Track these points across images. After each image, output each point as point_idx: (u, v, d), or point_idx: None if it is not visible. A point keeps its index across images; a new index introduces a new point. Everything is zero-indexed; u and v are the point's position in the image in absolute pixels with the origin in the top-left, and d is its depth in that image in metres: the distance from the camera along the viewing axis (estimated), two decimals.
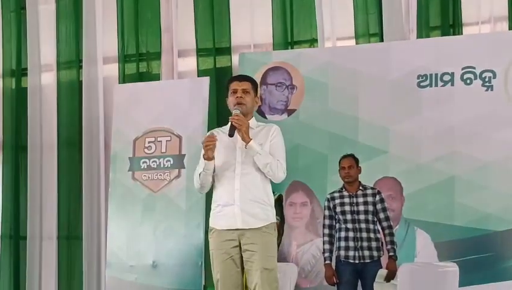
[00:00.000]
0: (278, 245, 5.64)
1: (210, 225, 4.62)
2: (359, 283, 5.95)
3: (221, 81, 8.00)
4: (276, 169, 4.48)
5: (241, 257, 4.48)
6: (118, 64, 8.61)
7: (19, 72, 8.97)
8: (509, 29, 7.48)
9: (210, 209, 6.70)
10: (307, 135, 6.97)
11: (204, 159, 4.49)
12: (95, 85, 8.64)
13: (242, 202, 4.44)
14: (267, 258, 4.45)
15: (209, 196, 6.84)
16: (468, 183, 6.59)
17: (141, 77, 8.49)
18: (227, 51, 8.27)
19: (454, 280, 6.08)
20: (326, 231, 6.06)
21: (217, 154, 4.51)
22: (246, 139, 4.43)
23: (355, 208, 5.96)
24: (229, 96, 4.65)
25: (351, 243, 5.91)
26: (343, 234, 5.97)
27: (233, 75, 7.89)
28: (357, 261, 5.89)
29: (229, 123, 4.56)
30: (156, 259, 7.04)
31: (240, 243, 4.46)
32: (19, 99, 8.90)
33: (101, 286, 8.17)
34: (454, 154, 6.66)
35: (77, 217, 8.56)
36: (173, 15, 8.51)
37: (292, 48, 7.96)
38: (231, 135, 4.43)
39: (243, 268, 4.51)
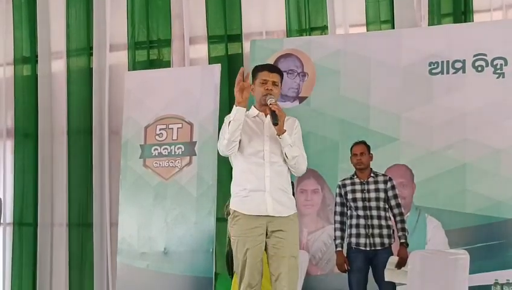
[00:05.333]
0: None
1: (235, 209, 4.57)
2: (370, 270, 5.96)
3: (233, 68, 8.01)
4: (302, 163, 4.54)
5: (265, 244, 4.49)
6: (128, 51, 8.60)
7: (30, 59, 8.98)
8: None
9: (221, 196, 6.81)
10: (318, 122, 6.97)
11: (236, 104, 4.46)
12: (105, 72, 8.63)
13: (272, 190, 4.46)
14: (294, 246, 4.50)
15: (220, 184, 6.96)
16: (479, 171, 6.59)
17: (152, 64, 8.48)
18: (238, 38, 8.26)
19: (465, 267, 6.08)
20: (338, 218, 6.07)
21: (244, 138, 4.51)
22: (282, 130, 4.43)
23: (367, 195, 5.96)
24: (256, 85, 4.63)
25: (362, 230, 5.92)
26: (354, 221, 5.97)
27: (244, 62, 7.93)
28: (368, 249, 5.89)
29: (253, 109, 4.65)
30: (167, 246, 7.07)
31: (266, 230, 4.47)
32: (29, 87, 8.91)
33: (112, 273, 8.19)
34: (465, 142, 6.66)
35: (88, 204, 8.58)
36: (184, 1, 8.49)
37: (304, 35, 7.94)
38: (276, 123, 4.41)
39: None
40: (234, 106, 4.49)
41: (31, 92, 8.90)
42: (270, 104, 4.45)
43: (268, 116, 4.52)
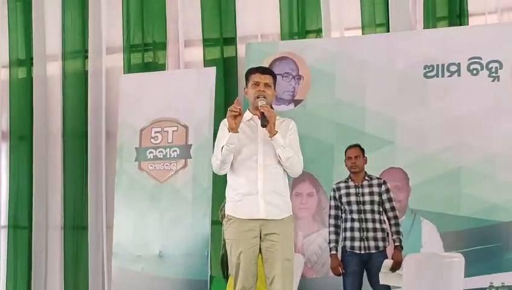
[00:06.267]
0: None
1: (228, 214, 4.60)
2: (365, 274, 5.95)
3: (228, 71, 8.02)
4: (296, 164, 4.53)
5: (259, 247, 4.49)
6: (123, 54, 8.60)
7: (25, 61, 8.97)
8: None
9: (216, 199, 6.81)
10: (313, 125, 6.96)
11: (228, 130, 4.46)
12: (100, 75, 8.63)
13: (265, 193, 4.46)
14: (288, 249, 4.50)
15: (215, 187, 6.96)
16: (475, 174, 6.58)
17: (147, 67, 8.48)
18: (234, 41, 8.26)
19: (460, 270, 6.10)
20: (332, 221, 6.06)
21: (237, 143, 4.50)
22: (273, 131, 4.44)
23: (361, 199, 5.95)
24: (249, 88, 4.64)
25: (357, 234, 5.91)
26: (348, 224, 5.97)
27: (239, 65, 7.94)
28: (362, 252, 5.89)
29: (247, 112, 4.64)
30: (163, 249, 7.05)
31: (260, 233, 4.47)
32: (25, 89, 8.90)
33: (108, 276, 8.18)
34: (460, 145, 6.66)
35: (83, 207, 8.57)
36: (179, 4, 8.50)
37: (299, 38, 7.94)
38: (264, 125, 4.43)
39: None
40: (224, 124, 4.52)
41: (26, 94, 8.90)
42: (260, 106, 4.45)
43: None
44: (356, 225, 5.92)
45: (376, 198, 5.95)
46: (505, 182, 6.51)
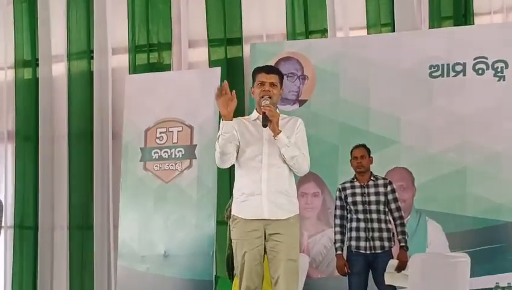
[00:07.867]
0: None
1: (234, 214, 4.60)
2: (370, 274, 5.95)
3: (233, 71, 8.02)
4: (302, 163, 4.50)
5: (264, 247, 4.49)
6: (128, 54, 8.61)
7: (31, 62, 8.98)
8: None
9: (221, 199, 6.82)
10: (318, 125, 6.95)
11: (222, 119, 4.45)
12: (106, 76, 8.65)
13: (269, 193, 4.45)
14: (292, 249, 4.48)
15: (220, 187, 6.96)
16: (480, 174, 6.58)
17: (152, 67, 8.49)
18: (239, 41, 8.27)
19: (465, 270, 6.07)
20: (338, 221, 6.05)
21: (242, 143, 4.52)
22: (276, 130, 4.43)
23: (367, 199, 5.94)
24: (254, 87, 4.63)
25: (362, 234, 5.90)
26: (354, 224, 5.96)
27: (245, 66, 7.94)
28: (368, 252, 5.88)
29: (254, 112, 4.64)
30: (168, 249, 7.06)
31: (264, 233, 4.47)
32: (30, 90, 8.92)
33: (113, 276, 8.19)
34: (465, 145, 6.65)
35: (88, 207, 8.57)
36: (184, 5, 8.51)
37: (304, 38, 7.94)
38: (265, 125, 4.42)
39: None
40: (221, 120, 4.51)
41: (31, 95, 8.91)
42: (263, 105, 4.45)
43: None
44: (362, 225, 5.91)
45: (382, 198, 5.95)
46: (510, 181, 6.50)
